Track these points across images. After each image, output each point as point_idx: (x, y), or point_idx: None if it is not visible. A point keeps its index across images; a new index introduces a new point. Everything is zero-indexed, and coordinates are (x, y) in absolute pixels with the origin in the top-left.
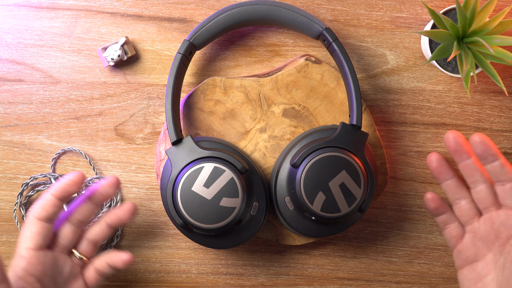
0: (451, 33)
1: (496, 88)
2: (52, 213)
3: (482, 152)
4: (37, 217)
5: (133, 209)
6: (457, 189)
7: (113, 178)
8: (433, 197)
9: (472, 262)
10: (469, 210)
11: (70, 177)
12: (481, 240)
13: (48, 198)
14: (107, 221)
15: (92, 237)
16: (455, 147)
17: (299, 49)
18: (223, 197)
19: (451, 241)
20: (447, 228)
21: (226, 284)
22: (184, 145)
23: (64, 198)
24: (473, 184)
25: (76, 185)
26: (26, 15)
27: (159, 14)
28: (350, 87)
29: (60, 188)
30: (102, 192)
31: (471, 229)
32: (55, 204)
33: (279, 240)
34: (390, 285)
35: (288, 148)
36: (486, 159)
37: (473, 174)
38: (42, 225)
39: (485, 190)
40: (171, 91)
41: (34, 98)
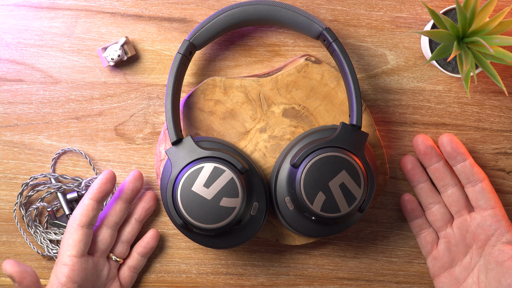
0: (451, 33)
1: (496, 88)
2: (92, 217)
3: (451, 150)
4: (79, 224)
5: (153, 196)
6: (430, 192)
7: (136, 172)
8: (410, 198)
9: (448, 268)
10: (442, 215)
11: (103, 177)
12: (456, 245)
13: (87, 203)
14: (136, 218)
15: (125, 237)
16: (424, 150)
17: (299, 49)
18: (223, 197)
19: (426, 248)
20: (421, 234)
21: (226, 284)
22: (184, 145)
23: (102, 199)
24: (443, 188)
25: (111, 183)
26: (26, 15)
27: (159, 14)
28: (350, 87)
29: (96, 189)
30: (131, 188)
31: (444, 235)
32: (94, 208)
33: (279, 240)
34: (390, 285)
35: (288, 148)
36: (456, 159)
37: (443, 177)
38: (83, 231)
39: (456, 193)
40: (171, 91)
41: (34, 98)
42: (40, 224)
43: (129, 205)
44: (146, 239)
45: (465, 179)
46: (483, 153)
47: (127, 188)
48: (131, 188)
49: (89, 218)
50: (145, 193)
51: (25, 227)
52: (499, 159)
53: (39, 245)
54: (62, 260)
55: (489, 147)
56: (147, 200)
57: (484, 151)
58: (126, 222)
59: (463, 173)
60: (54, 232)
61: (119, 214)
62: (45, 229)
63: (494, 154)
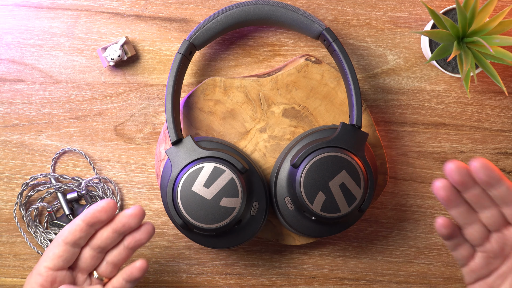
0: (451, 33)
1: (496, 88)
2: (79, 238)
3: (486, 177)
4: (63, 240)
5: (151, 230)
6: (467, 214)
7: (138, 209)
8: (445, 222)
9: (485, 278)
10: (480, 234)
11: (101, 204)
12: (495, 257)
13: (77, 223)
14: (125, 245)
15: (112, 259)
16: (461, 180)
17: (299, 49)
18: (223, 197)
19: (462, 260)
20: (457, 249)
21: (226, 284)
22: (184, 145)
23: (94, 225)
24: (481, 209)
25: (107, 213)
26: (26, 15)
27: (159, 14)
28: (350, 87)
29: (90, 214)
30: (123, 222)
31: (483, 249)
32: (83, 230)
33: (279, 240)
34: (390, 285)
35: (288, 148)
36: (491, 185)
37: (481, 202)
38: (65, 248)
39: (495, 214)
40: (171, 91)
41: (34, 98)
42: (40, 224)
43: (118, 236)
44: (131, 269)
45: (502, 202)
46: (483, 153)
47: (119, 221)
48: (124, 222)
49: (75, 238)
50: (143, 224)
51: (25, 227)
52: (499, 159)
53: (39, 245)
54: (38, 270)
55: (489, 147)
56: (141, 232)
57: (484, 151)
58: (116, 245)
59: (500, 197)
60: (54, 232)
61: (105, 240)
62: (45, 229)
63: (494, 154)
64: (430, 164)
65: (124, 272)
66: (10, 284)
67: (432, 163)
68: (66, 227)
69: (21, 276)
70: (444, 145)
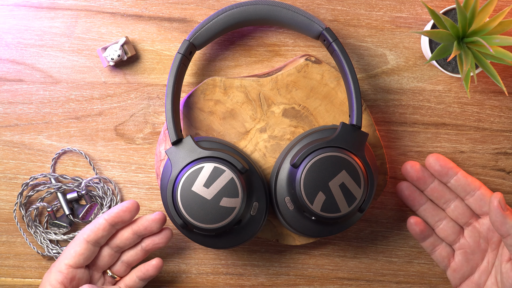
0: (451, 33)
1: (496, 88)
2: (101, 237)
3: (441, 168)
4: (85, 238)
5: (169, 236)
6: (434, 211)
7: (160, 215)
8: (416, 220)
9: (469, 276)
10: (452, 229)
11: (125, 204)
12: (472, 253)
13: (100, 222)
14: (143, 246)
15: (127, 259)
16: (417, 176)
17: (299, 49)
18: (223, 197)
19: (443, 262)
20: (436, 250)
21: (226, 284)
22: (184, 145)
23: (117, 224)
24: (445, 204)
25: (131, 214)
26: (26, 15)
27: (159, 14)
28: (350, 87)
29: (115, 214)
30: (145, 226)
31: (459, 247)
32: (106, 229)
33: (279, 240)
34: (390, 285)
35: (288, 148)
36: (448, 175)
37: (443, 195)
38: (87, 246)
39: (459, 205)
40: (171, 91)
41: (34, 98)
42: (40, 224)
43: (138, 237)
44: (147, 266)
45: (463, 191)
46: (483, 153)
47: (142, 224)
48: (146, 226)
49: (97, 237)
50: (163, 229)
51: (25, 227)
52: (499, 159)
53: (39, 245)
54: (58, 267)
55: (489, 147)
56: (161, 236)
57: (484, 151)
58: (133, 247)
59: (459, 186)
60: (54, 232)
61: (125, 241)
62: (45, 229)
63: (494, 154)
64: None
65: (139, 270)
66: (10, 284)
67: None
68: (89, 225)
69: (21, 276)
70: (444, 145)
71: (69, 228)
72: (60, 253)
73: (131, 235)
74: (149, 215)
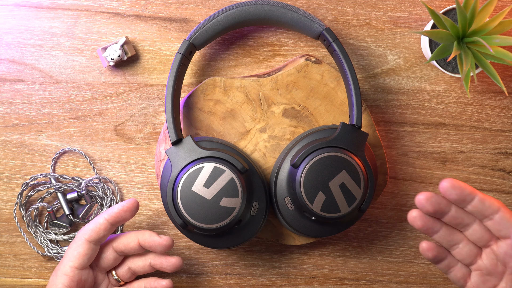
0: (451, 33)
1: (496, 88)
2: (102, 236)
3: (458, 196)
4: (87, 238)
5: (178, 266)
6: (451, 235)
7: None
8: (429, 246)
9: None
10: (469, 252)
11: (125, 204)
12: (489, 274)
13: (100, 221)
14: (151, 263)
15: (134, 268)
16: (433, 208)
17: (299, 49)
18: (223, 197)
19: (459, 282)
20: (451, 272)
21: (226, 284)
22: (184, 145)
23: (117, 223)
24: (464, 228)
25: (131, 213)
26: (26, 15)
27: (159, 14)
28: (350, 87)
29: (115, 213)
30: (152, 247)
31: (476, 267)
32: (107, 229)
33: (279, 240)
34: (390, 285)
35: (288, 148)
36: (465, 201)
37: (461, 221)
38: (89, 246)
39: (478, 229)
40: (171, 91)
41: (34, 98)
42: (40, 224)
43: (142, 250)
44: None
45: (481, 214)
46: (483, 153)
47: (148, 242)
48: (151, 245)
49: (99, 236)
50: (175, 258)
51: (25, 227)
52: (499, 159)
53: (39, 245)
54: (63, 270)
55: (489, 147)
56: (170, 264)
57: (484, 151)
58: (141, 256)
59: (477, 211)
60: (54, 232)
61: (130, 249)
62: (45, 229)
63: (494, 154)
64: (430, 164)
65: (149, 283)
66: (10, 284)
67: (432, 163)
68: (89, 226)
69: (21, 276)
70: (444, 145)
71: (69, 228)
72: (60, 253)
73: (137, 246)
74: (157, 237)
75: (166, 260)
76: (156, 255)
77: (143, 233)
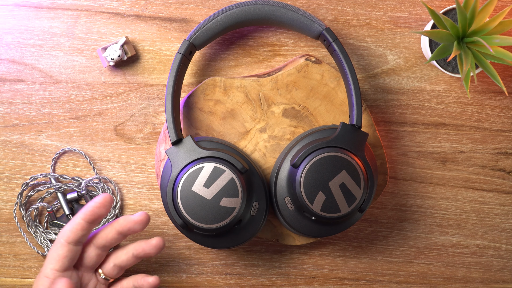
0: (451, 33)
1: (496, 88)
2: (81, 236)
3: None
4: (66, 240)
5: (160, 245)
6: None
7: (143, 216)
8: None
9: None
10: None
11: (98, 200)
12: None
13: (77, 221)
14: (134, 253)
15: (119, 263)
16: None
17: (299, 49)
18: (223, 197)
19: None
20: None
21: (226, 284)
22: (184, 145)
23: (94, 221)
24: None
25: (105, 208)
26: (26, 15)
27: (159, 14)
28: (350, 87)
29: (89, 211)
30: (130, 228)
31: None
32: (84, 228)
33: (279, 240)
34: (390, 285)
35: (288, 148)
36: None
37: None
38: (69, 248)
39: None
40: (171, 91)
41: (34, 98)
42: (40, 224)
43: (123, 237)
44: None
45: None
46: (483, 153)
47: (125, 225)
48: (129, 227)
49: (78, 237)
50: (156, 239)
51: (25, 227)
52: (499, 159)
53: (39, 245)
54: (45, 272)
55: (489, 147)
56: (152, 246)
57: (484, 151)
58: (122, 249)
59: None
60: (54, 232)
61: (110, 240)
62: (45, 229)
63: (494, 154)
64: (430, 164)
65: (136, 281)
66: (10, 284)
67: (432, 163)
68: (67, 227)
69: (21, 276)
70: (444, 145)
71: None
72: None
73: (116, 235)
74: (131, 216)
75: (146, 244)
76: (136, 243)
77: (117, 220)
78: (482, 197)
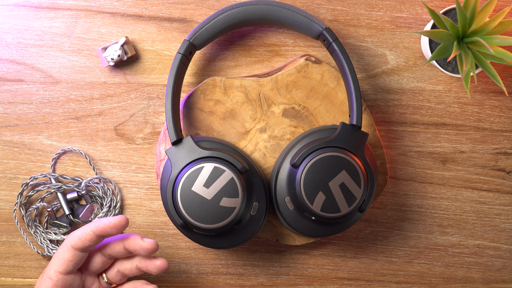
0: (451, 33)
1: (496, 88)
2: (88, 246)
3: None
4: (72, 245)
5: (162, 268)
6: None
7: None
8: None
9: None
10: None
11: (113, 220)
12: None
13: (87, 232)
14: (138, 266)
15: (123, 270)
16: None
17: (299, 49)
18: (223, 197)
19: None
20: None
21: (226, 284)
22: (184, 145)
23: (103, 237)
24: None
25: (118, 230)
26: (26, 15)
27: (159, 14)
28: (350, 87)
29: (101, 227)
30: (137, 250)
31: None
32: (93, 240)
33: (279, 240)
34: (390, 285)
35: (288, 148)
36: None
37: None
38: (75, 253)
39: None
40: (171, 91)
41: (34, 98)
42: (40, 224)
43: (129, 253)
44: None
45: None
46: (483, 153)
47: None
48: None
49: (85, 246)
50: (161, 261)
51: (25, 227)
52: (499, 159)
53: (39, 245)
54: (48, 273)
55: (489, 147)
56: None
57: (484, 151)
58: (129, 259)
59: None
60: (54, 232)
61: (116, 252)
62: (45, 229)
63: (494, 154)
64: (430, 164)
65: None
66: (10, 284)
67: (432, 163)
68: (76, 232)
69: (21, 276)
70: (444, 145)
71: (69, 228)
72: None
73: (123, 250)
74: (142, 241)
75: (151, 263)
76: (142, 258)
77: (127, 237)
78: (482, 197)
